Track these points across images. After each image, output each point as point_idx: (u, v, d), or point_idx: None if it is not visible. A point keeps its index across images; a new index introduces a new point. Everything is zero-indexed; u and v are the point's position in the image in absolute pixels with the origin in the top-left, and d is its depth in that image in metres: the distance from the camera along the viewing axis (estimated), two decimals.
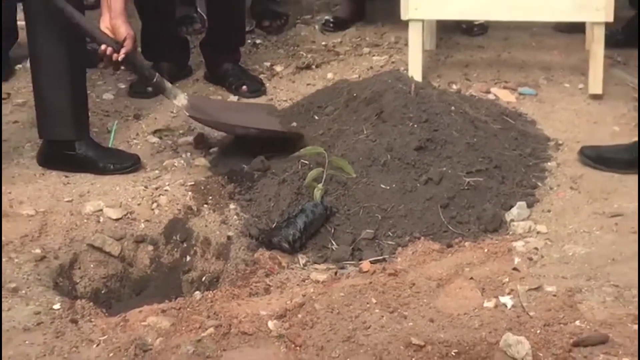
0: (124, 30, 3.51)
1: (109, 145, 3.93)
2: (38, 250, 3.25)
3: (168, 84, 3.72)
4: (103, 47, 3.52)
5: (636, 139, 3.55)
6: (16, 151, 3.90)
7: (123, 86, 4.53)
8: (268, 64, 4.47)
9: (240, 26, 4.64)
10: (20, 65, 4.88)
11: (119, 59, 3.51)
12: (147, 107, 4.29)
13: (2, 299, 3.02)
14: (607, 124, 3.77)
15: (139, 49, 4.00)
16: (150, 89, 4.37)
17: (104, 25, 3.54)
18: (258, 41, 4.70)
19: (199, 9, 4.87)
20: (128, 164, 3.72)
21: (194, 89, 4.46)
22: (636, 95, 3.95)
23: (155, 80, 3.70)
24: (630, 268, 2.94)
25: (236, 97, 4.29)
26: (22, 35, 4.84)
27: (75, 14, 3.61)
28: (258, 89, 4.34)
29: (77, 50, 3.86)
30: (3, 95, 4.45)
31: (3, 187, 3.65)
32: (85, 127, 3.85)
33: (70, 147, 3.69)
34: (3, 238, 3.32)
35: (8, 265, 3.17)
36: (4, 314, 2.93)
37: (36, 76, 3.89)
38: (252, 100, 4.26)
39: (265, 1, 5.05)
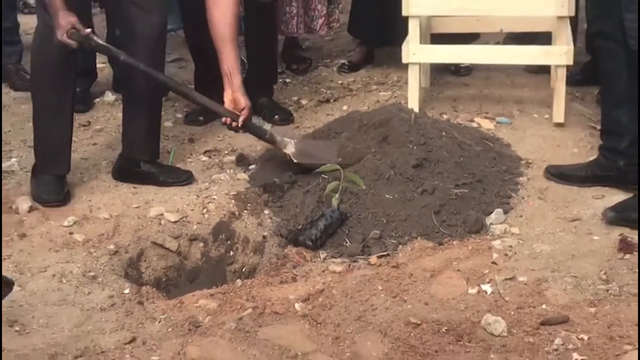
0: (243, 101, 3.58)
1: (169, 163, 3.94)
2: (112, 246, 3.29)
3: (278, 137, 3.70)
4: (224, 119, 3.60)
5: (591, 158, 3.57)
6: (95, 167, 3.90)
7: (180, 115, 4.53)
8: (295, 98, 4.47)
9: (274, 68, 4.58)
10: (98, 99, 4.88)
11: (239, 125, 3.57)
12: (199, 133, 4.27)
13: (84, 285, 3.07)
14: (568, 147, 3.77)
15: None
16: (201, 117, 4.39)
17: (228, 98, 3.58)
18: (287, 80, 4.69)
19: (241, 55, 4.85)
20: (183, 178, 3.73)
21: None
22: (591, 124, 3.95)
23: (267, 135, 3.71)
24: (586, 262, 2.98)
25: (270, 125, 4.23)
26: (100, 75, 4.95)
27: (197, 97, 3.72)
28: (287, 118, 4.31)
29: (157, 91, 3.93)
30: (84, 123, 4.46)
31: (85, 197, 3.67)
32: (156, 151, 3.89)
33: (137, 165, 3.72)
34: (84, 237, 3.35)
35: (88, 258, 3.19)
36: (85, 297, 2.99)
37: (126, 108, 3.92)
38: (281, 128, 4.20)
39: (293, 48, 5.03)
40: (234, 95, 3.58)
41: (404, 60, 4.07)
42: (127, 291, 3.01)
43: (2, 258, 3.15)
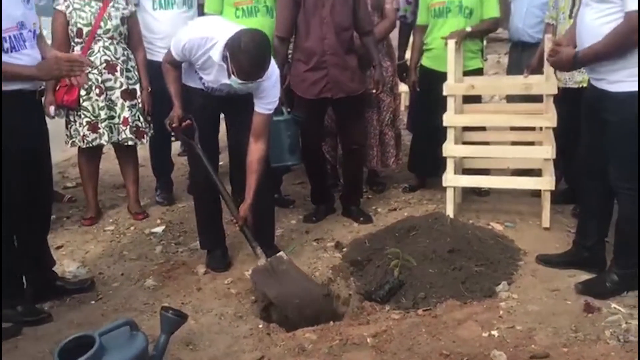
0: (242, 213, 3.30)
1: (290, 251, 3.70)
2: (253, 297, 3.28)
3: (258, 250, 3.27)
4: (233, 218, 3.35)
5: (566, 250, 3.50)
6: (242, 244, 3.68)
7: (301, 217, 4.32)
8: (374, 207, 4.47)
9: (360, 188, 4.42)
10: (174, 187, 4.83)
11: (237, 224, 3.30)
12: (312, 227, 4.12)
13: (234, 321, 3.08)
14: (552, 243, 3.64)
15: None
16: (314, 218, 4.22)
17: (242, 208, 3.31)
18: (369, 196, 4.69)
19: (340, 179, 4.87)
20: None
21: (335, 218, 4.32)
22: (567, 229, 3.86)
23: (252, 243, 3.30)
24: (562, 318, 2.90)
25: (356, 224, 4.14)
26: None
27: (228, 200, 3.41)
28: (368, 220, 4.13)
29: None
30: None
31: (239, 265, 3.60)
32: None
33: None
34: (237, 290, 3.33)
35: (238, 305, 3.21)
36: (234, 329, 3.00)
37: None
38: (364, 225, 4.09)
39: (374, 177, 4.82)
40: (244, 207, 3.29)
41: (444, 184, 4.05)
42: (260, 326, 3.04)
43: (185, 303, 3.21)
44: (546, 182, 3.85)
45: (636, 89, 2.82)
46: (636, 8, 2.74)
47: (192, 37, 3.21)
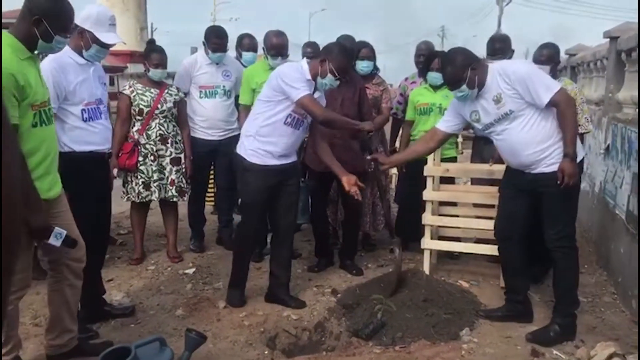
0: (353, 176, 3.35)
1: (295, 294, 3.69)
2: (262, 329, 3.27)
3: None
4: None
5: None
6: (257, 287, 3.82)
7: (306, 267, 4.28)
8: (365, 263, 4.45)
9: (355, 246, 4.36)
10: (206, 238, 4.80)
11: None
12: (313, 276, 4.09)
13: (245, 347, 3.06)
14: (503, 297, 3.65)
15: None
16: (316, 269, 4.19)
17: (345, 178, 3.33)
18: (362, 254, 4.65)
19: (339, 239, 4.87)
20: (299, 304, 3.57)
21: (333, 269, 4.26)
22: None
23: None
24: None
25: (350, 275, 4.10)
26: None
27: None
28: (359, 273, 4.11)
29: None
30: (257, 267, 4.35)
31: (252, 304, 3.54)
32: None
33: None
34: (249, 323, 3.30)
35: (249, 334, 3.20)
36: (245, 354, 2.99)
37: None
38: (356, 277, 4.06)
39: (366, 238, 4.76)
40: (347, 176, 3.31)
41: (422, 247, 4.07)
42: (266, 352, 3.05)
43: (206, 330, 3.15)
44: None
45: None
46: (550, 96, 2.78)
47: None
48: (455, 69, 2.96)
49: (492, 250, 4.05)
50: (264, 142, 3.27)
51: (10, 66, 2.17)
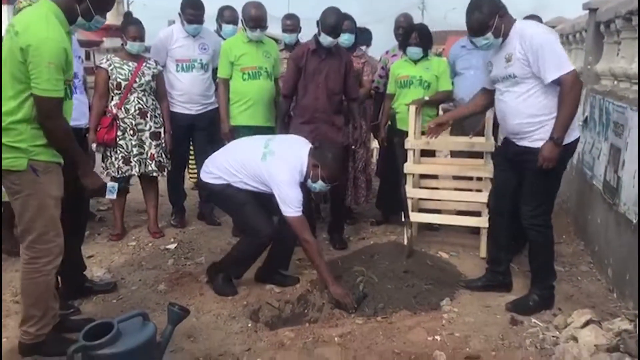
0: None
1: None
2: (245, 302, 3.24)
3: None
4: None
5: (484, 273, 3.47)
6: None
7: None
8: (347, 236, 4.39)
9: (341, 220, 4.34)
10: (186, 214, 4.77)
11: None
12: None
13: (228, 321, 3.05)
14: (483, 268, 3.68)
15: None
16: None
17: None
18: (344, 227, 4.75)
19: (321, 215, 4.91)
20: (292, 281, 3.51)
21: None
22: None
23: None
24: (491, 328, 2.93)
25: (332, 248, 4.10)
26: None
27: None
28: (344, 247, 4.12)
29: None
30: None
31: (242, 284, 3.47)
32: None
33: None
34: (233, 299, 3.27)
35: (232, 308, 3.18)
36: (228, 327, 2.97)
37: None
38: (335, 250, 4.09)
39: (348, 212, 4.75)
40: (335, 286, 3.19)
41: (403, 219, 4.11)
42: (249, 325, 3.03)
43: (189, 304, 3.14)
44: (483, 221, 3.84)
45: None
46: (557, 75, 2.71)
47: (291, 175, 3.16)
48: (483, 16, 2.79)
49: (471, 221, 4.12)
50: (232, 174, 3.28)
51: (63, 40, 2.19)
